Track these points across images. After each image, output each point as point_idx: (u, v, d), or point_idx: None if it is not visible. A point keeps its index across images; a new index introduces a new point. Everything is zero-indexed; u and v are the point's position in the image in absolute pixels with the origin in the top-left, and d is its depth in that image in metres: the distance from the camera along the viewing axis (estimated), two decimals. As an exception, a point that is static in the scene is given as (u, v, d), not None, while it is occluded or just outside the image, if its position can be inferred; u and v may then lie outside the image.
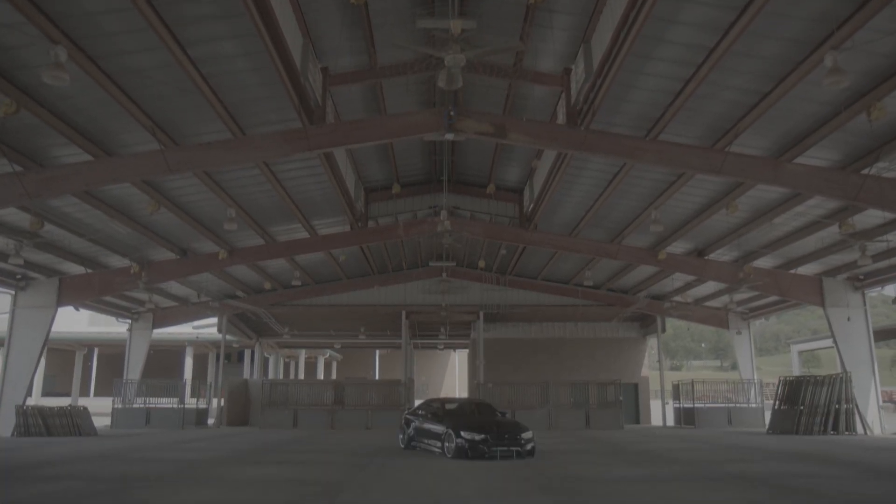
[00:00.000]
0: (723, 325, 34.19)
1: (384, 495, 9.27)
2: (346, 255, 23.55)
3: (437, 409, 17.00)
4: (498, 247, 28.58)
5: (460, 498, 9.07)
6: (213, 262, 24.64)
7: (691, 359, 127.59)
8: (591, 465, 13.30)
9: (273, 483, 10.53)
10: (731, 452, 16.37)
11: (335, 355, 60.17)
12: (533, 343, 36.16)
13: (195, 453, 16.09)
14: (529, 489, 9.87)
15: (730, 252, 24.42)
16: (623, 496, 9.18)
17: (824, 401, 23.59)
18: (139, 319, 32.78)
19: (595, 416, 29.61)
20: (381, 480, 10.93)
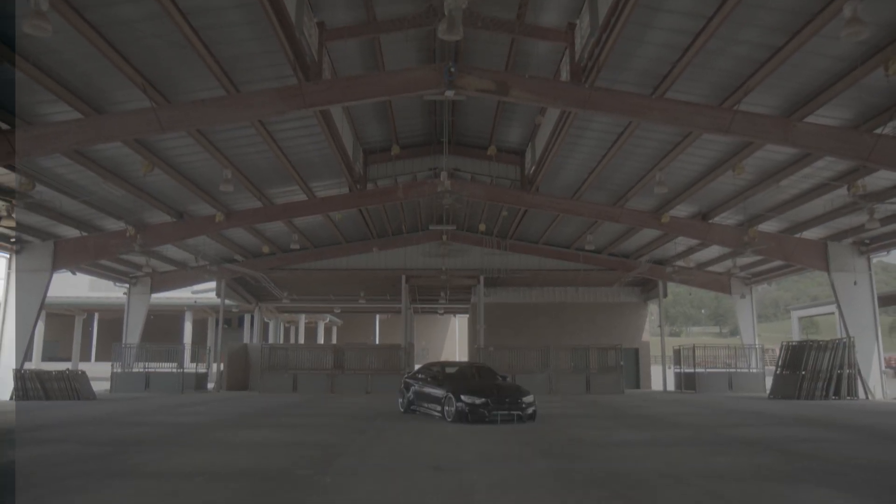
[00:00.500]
0: (725, 290, 33.95)
1: (383, 459, 9.06)
2: (343, 215, 23.08)
3: (437, 372, 16.79)
4: (499, 210, 28.18)
5: (460, 462, 8.86)
6: (209, 225, 24.25)
7: (690, 325, 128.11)
8: (592, 430, 13.11)
9: (270, 446, 10.32)
10: (733, 417, 16.21)
11: (335, 320, 60.18)
12: (533, 308, 35.97)
13: (193, 417, 15.93)
14: (530, 453, 9.66)
15: (734, 216, 24.04)
16: (625, 460, 8.96)
17: (827, 366, 23.43)
18: (137, 284, 32.51)
19: (595, 380, 29.56)
20: (380, 444, 10.73)
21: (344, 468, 8.25)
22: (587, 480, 7.40)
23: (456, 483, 7.29)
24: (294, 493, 6.67)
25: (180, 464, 8.56)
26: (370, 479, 7.50)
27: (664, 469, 8.18)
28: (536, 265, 33.13)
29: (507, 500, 6.38)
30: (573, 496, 6.56)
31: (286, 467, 8.28)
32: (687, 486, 7.08)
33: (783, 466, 8.42)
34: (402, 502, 6.30)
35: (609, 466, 8.39)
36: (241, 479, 7.41)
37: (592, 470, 8.15)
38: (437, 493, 6.71)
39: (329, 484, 7.18)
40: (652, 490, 6.87)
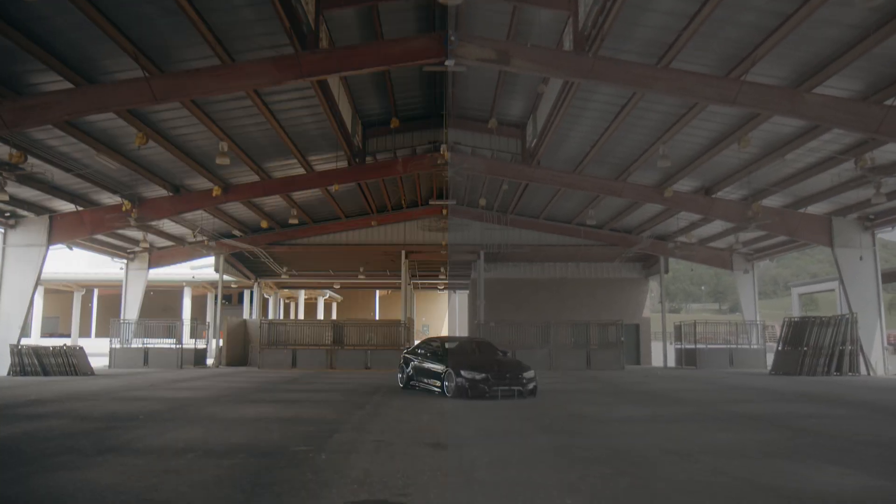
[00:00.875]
0: (726, 266, 33.72)
1: (381, 435, 8.86)
2: (338, 186, 22.72)
3: (437, 347, 16.62)
4: (499, 184, 27.87)
5: (460, 438, 8.68)
6: (206, 199, 23.97)
7: (690, 301, 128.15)
8: (593, 405, 12.94)
9: (266, 422, 10.14)
10: (735, 392, 16.05)
11: (335, 296, 60.08)
12: (534, 283, 35.78)
13: (189, 392, 15.78)
14: (531, 429, 9.48)
15: (738, 190, 23.76)
16: (627, 436, 8.77)
17: (829, 342, 23.28)
18: (135, 259, 32.28)
19: (596, 356, 29.49)
20: (378, 420, 10.55)
21: (341, 445, 8.06)
22: (589, 457, 7.21)
23: (456, 460, 7.10)
24: (288, 471, 6.47)
25: (173, 440, 8.37)
26: (367, 456, 7.30)
27: (667, 445, 7.99)
28: (537, 240, 32.89)
29: (507, 477, 6.18)
30: (575, 473, 6.37)
31: (281, 444, 8.10)
32: (691, 462, 6.89)
33: (788, 442, 8.23)
34: (399, 480, 6.10)
35: (611, 443, 8.20)
36: (235, 456, 7.22)
37: (594, 446, 7.96)
38: (437, 471, 6.52)
39: (324, 461, 6.99)
40: (655, 467, 6.67)
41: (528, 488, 5.74)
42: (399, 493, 5.60)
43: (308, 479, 6.12)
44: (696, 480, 6.04)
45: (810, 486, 5.82)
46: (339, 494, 5.53)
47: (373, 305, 63.67)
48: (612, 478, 6.15)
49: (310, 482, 5.98)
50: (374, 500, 5.36)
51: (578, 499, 5.36)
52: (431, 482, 6.01)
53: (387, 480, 6.05)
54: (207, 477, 6.17)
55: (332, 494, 5.53)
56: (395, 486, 5.85)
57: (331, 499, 5.39)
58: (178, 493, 5.52)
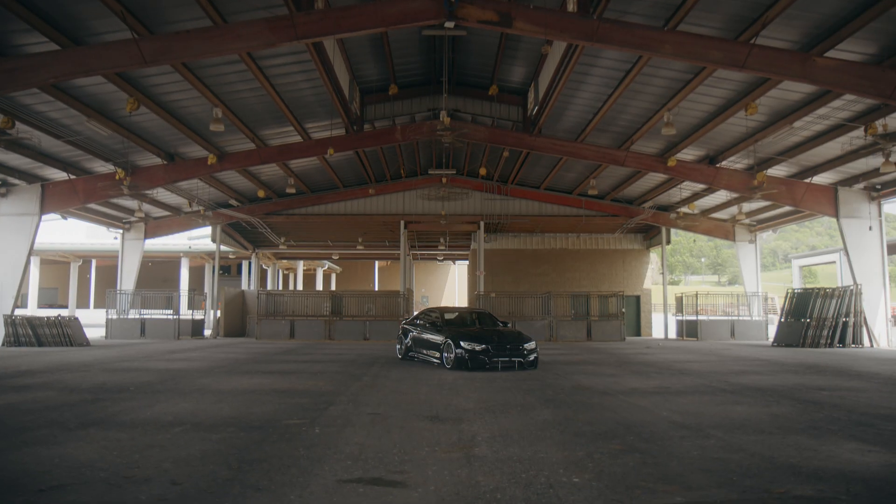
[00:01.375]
0: (729, 237, 33.31)
1: (377, 408, 8.55)
2: (333, 150, 22.11)
3: (436, 318, 16.29)
4: (500, 154, 27.38)
5: (459, 411, 8.36)
6: (201, 167, 23.49)
7: (689, 274, 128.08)
8: (596, 377, 12.64)
9: (259, 394, 9.83)
10: (740, 364, 15.76)
11: (334, 267, 59.74)
12: (534, 254, 35.44)
13: (184, 363, 15.49)
14: (534, 402, 9.17)
15: (742, 159, 23.29)
16: (635, 410, 8.46)
17: (833, 313, 23.01)
18: (131, 229, 31.89)
19: (596, 327, 29.29)
20: (375, 392, 10.24)
21: (335, 418, 7.74)
22: (596, 432, 6.89)
23: (455, 435, 6.78)
24: (279, 446, 6.15)
25: (161, 412, 8.05)
26: (362, 430, 6.99)
27: (677, 419, 7.67)
28: (537, 211, 32.46)
29: (509, 454, 5.86)
30: (581, 449, 6.04)
31: (273, 417, 7.78)
32: (704, 437, 6.56)
33: (803, 416, 7.90)
34: (396, 456, 5.78)
35: (618, 417, 7.88)
36: (224, 430, 6.90)
37: (600, 420, 7.64)
38: (435, 446, 6.20)
39: (318, 435, 6.67)
40: (666, 442, 6.34)
41: (531, 466, 5.42)
42: (395, 470, 5.28)
43: (300, 454, 5.79)
44: (711, 457, 5.71)
45: (831, 465, 5.50)
46: (332, 471, 5.21)
47: (372, 276, 63.39)
48: (620, 455, 5.82)
49: (301, 458, 5.65)
50: (368, 477, 5.04)
51: (586, 478, 5.04)
52: (429, 458, 5.69)
53: (382, 456, 5.73)
54: (193, 452, 5.85)
55: (325, 471, 5.20)
56: (391, 462, 5.53)
57: (322, 476, 5.07)
58: (160, 470, 5.20)
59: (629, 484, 4.85)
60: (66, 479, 4.97)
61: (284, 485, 4.79)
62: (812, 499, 4.51)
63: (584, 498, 4.52)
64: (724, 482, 4.88)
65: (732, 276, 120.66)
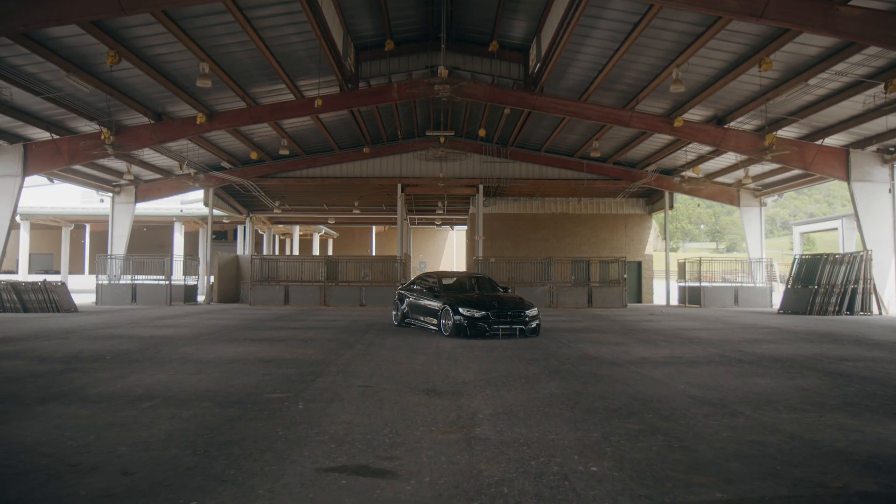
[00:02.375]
0: (733, 201, 32.52)
1: (369, 380, 7.88)
2: (321, 101, 21.11)
3: (434, 283, 15.60)
4: (500, 114, 26.46)
5: (458, 384, 7.70)
6: (190, 127, 22.57)
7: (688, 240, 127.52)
8: (602, 345, 11.99)
9: (243, 364, 9.16)
10: (751, 332, 15.12)
11: (330, 232, 58.96)
12: (533, 219, 34.66)
13: (170, 330, 14.82)
14: (539, 373, 8.50)
15: (751, 120, 22.43)
16: (649, 382, 7.79)
17: (842, 280, 22.36)
18: (121, 193, 31.01)
19: (598, 293, 28.70)
20: (368, 361, 9.57)
21: (322, 391, 7.07)
22: (609, 409, 6.21)
23: (453, 411, 6.10)
24: (256, 424, 5.47)
25: (133, 385, 7.37)
26: (351, 405, 6.31)
27: (697, 393, 7.00)
28: (538, 174, 31.62)
29: (515, 435, 5.19)
30: (597, 430, 5.37)
31: (255, 390, 7.10)
32: (731, 415, 5.89)
33: (834, 391, 7.23)
34: (387, 438, 5.11)
35: (632, 390, 7.21)
36: (197, 405, 6.22)
37: (613, 394, 6.97)
38: (431, 426, 5.52)
39: (300, 412, 5.99)
40: (690, 421, 5.67)
41: (541, 450, 4.74)
42: (385, 455, 4.59)
43: (277, 435, 5.11)
44: (744, 440, 5.03)
45: (886, 450, 4.81)
46: (312, 457, 4.52)
47: (369, 242, 62.62)
48: (640, 436, 5.15)
49: (279, 440, 4.97)
50: (353, 465, 4.36)
51: (605, 466, 4.36)
52: (424, 440, 5.01)
53: (371, 438, 5.05)
54: (157, 432, 5.16)
55: (303, 457, 4.52)
56: (381, 445, 4.85)
57: (300, 463, 4.38)
58: (113, 456, 4.51)
59: (656, 474, 4.17)
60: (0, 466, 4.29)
61: (254, 475, 4.11)
62: (880, 496, 3.83)
63: (606, 492, 3.84)
64: (768, 473, 4.20)
65: (731, 243, 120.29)
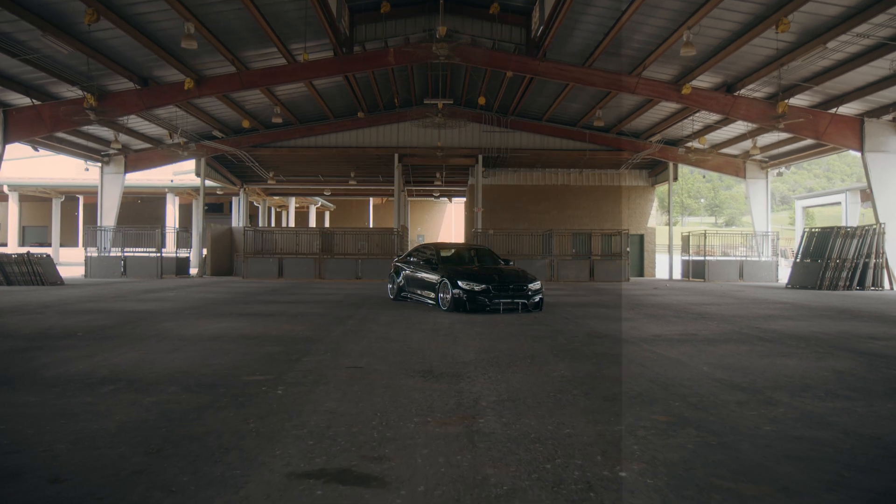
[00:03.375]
0: (739, 173, 31.68)
1: (360, 360, 7.17)
2: (307, 55, 20.09)
3: (431, 255, 14.85)
4: (500, 81, 25.53)
5: (458, 364, 6.99)
6: (178, 93, 21.65)
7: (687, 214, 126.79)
8: (610, 322, 11.29)
9: (225, 341, 8.44)
10: (763, 307, 14.43)
11: (327, 204, 58.07)
12: (534, 190, 33.84)
13: (155, 304, 14.10)
14: (546, 352, 7.80)
15: (762, 87, 21.54)
16: (667, 363, 7.08)
17: (853, 254, 21.65)
18: (110, 163, 30.11)
19: (599, 267, 28.02)
20: (360, 339, 8.86)
21: (307, 372, 6.36)
22: (629, 395, 5.50)
23: (453, 397, 5.39)
24: (226, 414, 4.75)
25: (98, 365, 6.65)
26: (337, 390, 5.60)
27: (723, 376, 6.29)
28: (539, 144, 30.74)
29: (525, 428, 4.48)
30: (619, 421, 4.65)
31: (233, 371, 6.39)
32: (768, 404, 5.18)
33: (874, 374, 6.53)
34: (375, 431, 4.39)
35: (650, 373, 6.51)
36: (163, 390, 5.50)
37: (631, 377, 6.26)
38: (427, 415, 4.81)
39: (279, 398, 5.27)
40: (725, 411, 4.96)
41: (556, 448, 4.02)
42: (372, 454, 3.87)
43: (248, 428, 4.39)
44: (792, 436, 4.32)
45: (957, 446, 4.12)
46: (284, 458, 3.80)
47: (367, 215, 61.77)
48: (670, 430, 4.43)
49: (249, 434, 4.25)
50: (332, 468, 3.63)
51: (635, 470, 3.65)
52: (419, 435, 4.29)
53: (357, 432, 4.33)
54: (109, 424, 4.44)
55: (274, 458, 3.79)
56: (368, 441, 4.14)
57: (270, 465, 3.66)
58: (47, 456, 3.78)
59: (698, 481, 3.46)
60: (-86, 468, 3.57)
61: (211, 483, 3.39)
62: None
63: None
64: (833, 481, 3.48)
65: (730, 218, 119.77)
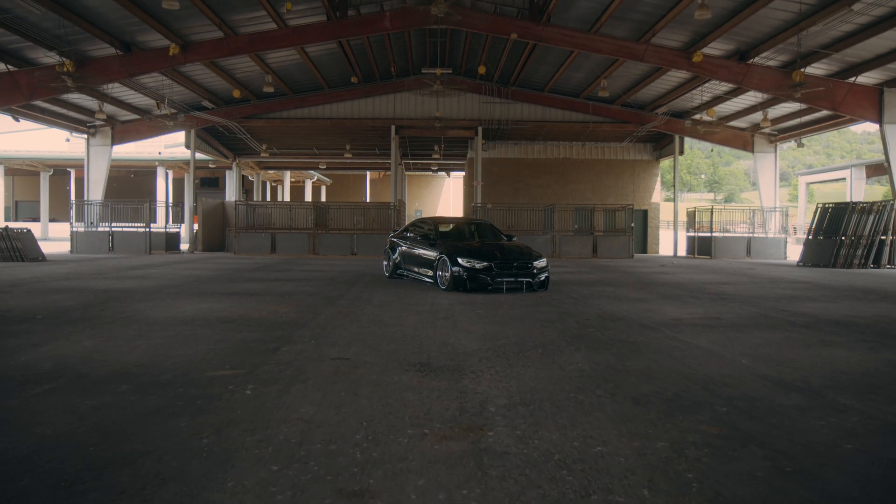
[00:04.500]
0: (747, 147, 30.69)
1: (346, 349, 6.28)
2: (291, 4, 18.86)
3: (429, 230, 13.89)
4: (502, 48, 24.42)
5: (459, 353, 6.11)
6: (163, 59, 20.55)
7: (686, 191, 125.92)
8: (623, 302, 10.41)
9: (198, 325, 7.55)
10: (782, 287, 13.56)
11: (323, 179, 56.95)
12: (535, 164, 32.82)
13: (133, 282, 13.19)
14: (558, 339, 6.91)
15: (777, 55, 20.49)
16: (696, 352, 6.21)
17: (869, 231, 20.77)
18: (96, 134, 29.04)
19: (602, 243, 27.11)
20: (350, 323, 7.97)
21: (285, 366, 5.47)
22: (665, 396, 4.61)
23: (455, 399, 4.51)
24: (176, 424, 3.86)
25: (43, 357, 5.75)
26: (317, 389, 4.72)
27: (768, 372, 5.41)
28: (541, 116, 29.66)
29: (545, 445, 3.60)
30: (660, 434, 3.76)
31: (198, 364, 5.50)
32: (836, 410, 4.30)
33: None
34: (358, 452, 3.51)
35: (683, 367, 5.63)
36: (111, 390, 4.61)
37: (659, 372, 5.38)
38: (424, 425, 3.92)
39: (245, 401, 4.38)
40: (786, 420, 4.07)
41: (590, 476, 3.13)
42: (351, 487, 2.97)
43: (199, 446, 3.49)
44: (887, 458, 3.43)
45: None
46: (235, 494, 2.90)
47: (364, 190, 60.65)
48: (728, 449, 3.54)
49: (197, 456, 3.35)
50: (297, 511, 2.76)
51: None
52: (413, 455, 3.40)
53: (336, 449, 3.44)
54: (25, 441, 3.53)
55: (223, 496, 2.89)
56: (349, 464, 3.24)
57: (216, 505, 2.78)
58: (-77, 491, 2.91)
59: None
60: None
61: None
62: None
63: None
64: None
65: (729, 194, 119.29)
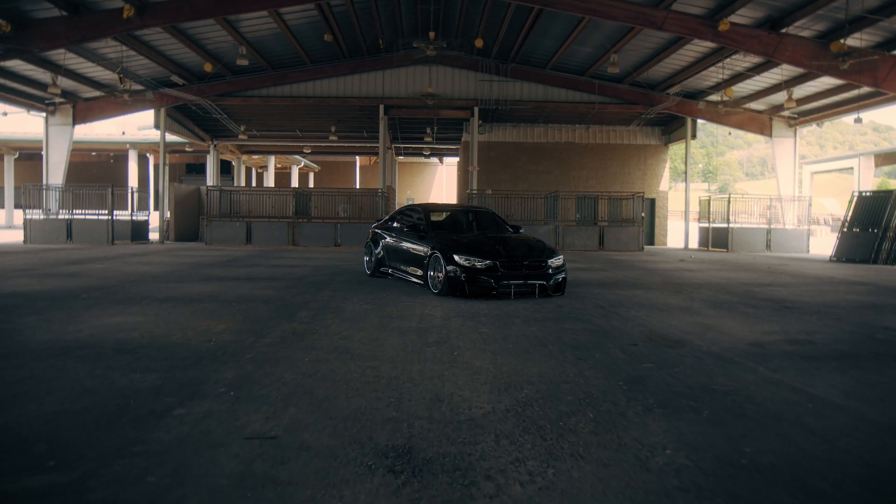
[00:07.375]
0: (765, 131, 28.39)
1: (280, 411, 3.96)
2: None
3: (419, 220, 11.42)
4: (501, 19, 22.01)
5: (459, 421, 3.81)
6: (116, 22, 18.02)
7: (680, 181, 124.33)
8: (667, 314, 8.08)
9: (77, 359, 5.17)
10: (848, 292, 11.27)
11: (311, 165, 54.43)
12: (535, 148, 30.45)
13: (58, 280, 10.80)
14: (607, 386, 4.58)
15: (814, 24, 18.16)
16: (838, 415, 3.92)
17: (914, 221, 18.58)
18: (55, 112, 26.53)
19: (610, 234, 24.85)
20: (302, 352, 5.59)
21: (153, 463, 3.13)
22: None
23: None
24: None
25: None
26: None
27: None
28: (542, 96, 27.28)
29: None
30: None
31: (76, 429, 3.15)
32: None
33: None
34: None
35: (832, 450, 3.32)
36: None
37: (805, 465, 3.08)
38: None
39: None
40: None
41: None
42: None
43: None
44: None
45: None
46: None
47: (353, 177, 58.18)
48: None
49: None
50: None
51: None
52: None
53: None
54: None
55: None
56: None
57: None
58: None
59: None
60: None
61: None
62: None
63: None
64: None
65: (723, 184, 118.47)
